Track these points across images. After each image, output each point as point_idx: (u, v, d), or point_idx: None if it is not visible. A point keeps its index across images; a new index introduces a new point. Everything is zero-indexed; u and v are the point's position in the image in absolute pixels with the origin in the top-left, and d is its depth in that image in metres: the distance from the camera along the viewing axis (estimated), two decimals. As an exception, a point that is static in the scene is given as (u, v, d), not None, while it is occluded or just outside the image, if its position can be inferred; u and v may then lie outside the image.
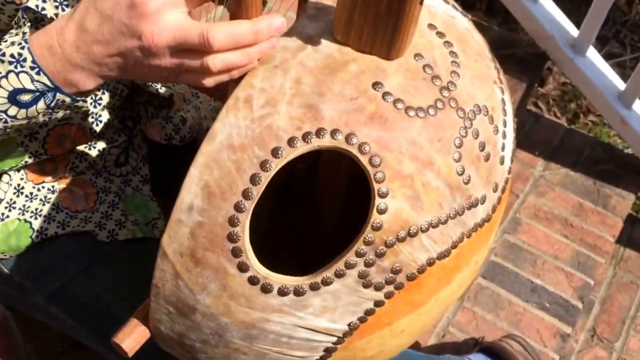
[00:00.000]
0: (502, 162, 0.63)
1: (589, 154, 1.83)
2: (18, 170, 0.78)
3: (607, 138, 2.13)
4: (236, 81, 0.57)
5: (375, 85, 0.55)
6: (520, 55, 1.81)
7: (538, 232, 1.64)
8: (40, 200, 0.79)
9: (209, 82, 0.56)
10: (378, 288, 0.56)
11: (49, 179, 0.80)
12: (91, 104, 0.77)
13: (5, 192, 0.77)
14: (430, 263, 0.58)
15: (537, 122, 1.94)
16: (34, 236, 0.79)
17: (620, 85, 1.66)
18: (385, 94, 0.55)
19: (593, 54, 1.67)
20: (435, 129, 0.56)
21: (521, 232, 1.63)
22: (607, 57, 2.69)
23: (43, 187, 0.79)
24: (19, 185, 0.78)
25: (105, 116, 0.80)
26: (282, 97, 0.54)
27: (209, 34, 0.52)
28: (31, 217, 0.79)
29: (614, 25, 2.81)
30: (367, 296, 0.56)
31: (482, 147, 0.60)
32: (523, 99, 1.83)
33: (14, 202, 0.78)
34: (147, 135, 0.88)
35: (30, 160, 0.77)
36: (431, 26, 0.62)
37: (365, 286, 0.56)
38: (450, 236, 0.58)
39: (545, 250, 1.60)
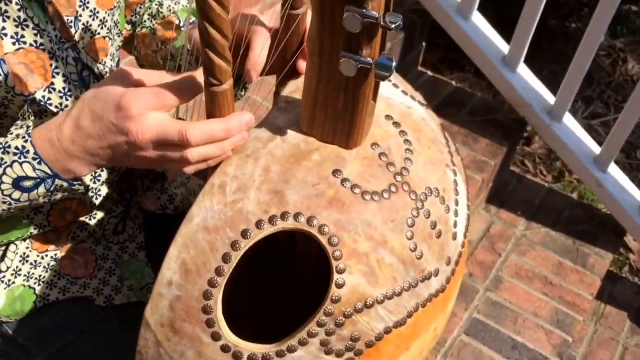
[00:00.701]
0: (454, 237, 0.70)
1: (569, 214, 1.90)
2: (24, 240, 0.85)
3: (591, 196, 2.20)
4: (214, 167, 0.64)
5: (335, 172, 0.63)
6: (501, 120, 1.90)
7: (519, 290, 1.69)
8: (44, 267, 0.86)
9: (189, 170, 0.64)
10: (339, 355, 0.62)
11: (52, 247, 0.86)
12: (91, 180, 0.84)
13: (12, 261, 0.84)
14: (388, 331, 0.64)
15: (519, 183, 2.02)
16: (37, 301, 0.85)
17: (596, 149, 1.74)
18: (344, 180, 0.63)
19: (569, 121, 1.76)
20: (389, 211, 0.63)
21: (503, 290, 1.69)
22: (592, 117, 2.79)
23: (47, 256, 0.86)
24: (24, 254, 0.85)
25: (104, 190, 0.88)
26: (253, 183, 0.61)
27: (188, 133, 0.60)
28: (35, 283, 0.85)
29: (598, 86, 2.92)
30: (328, 363, 0.62)
31: (434, 225, 0.67)
32: (505, 161, 1.91)
33: (20, 270, 0.85)
34: (143, 205, 0.95)
35: (35, 232, 0.84)
36: (388, 117, 0.69)
37: (327, 353, 0.62)
38: (406, 307, 0.65)
39: (526, 308, 1.65)
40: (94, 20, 0.82)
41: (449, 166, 0.72)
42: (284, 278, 0.91)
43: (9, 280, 0.85)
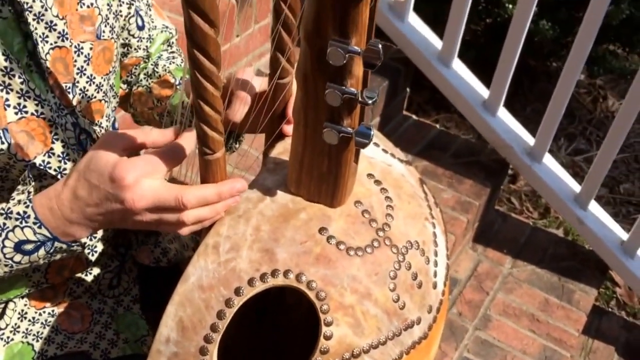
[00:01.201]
0: (435, 286, 0.74)
1: (553, 251, 1.95)
2: (22, 298, 0.89)
3: (577, 231, 2.26)
4: (208, 226, 0.69)
5: (321, 230, 0.68)
6: (484, 161, 1.96)
7: (507, 328, 1.73)
8: (42, 323, 0.89)
9: (184, 231, 0.68)
10: (328, 403, 0.66)
11: (49, 304, 0.90)
12: (87, 237, 0.88)
13: (11, 318, 0.88)
14: (374, 379, 0.68)
15: (504, 222, 2.07)
16: (35, 357, 0.88)
17: (576, 187, 1.80)
18: (329, 237, 0.67)
19: (549, 161, 1.82)
20: (372, 265, 0.68)
21: (492, 329, 1.72)
22: (575, 153, 2.86)
23: (44, 312, 0.90)
24: (22, 310, 0.88)
25: (99, 247, 0.92)
26: (244, 242, 0.66)
27: (183, 198, 0.64)
28: (33, 339, 0.88)
29: (580, 123, 3.00)
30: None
31: (415, 276, 0.71)
32: (489, 200, 1.96)
33: (18, 327, 0.88)
34: (138, 259, 0.99)
35: (33, 289, 0.88)
36: (370, 175, 0.75)
37: (317, 402, 0.65)
38: (390, 354, 0.69)
39: (514, 345, 1.68)
40: (90, 85, 0.87)
41: (427, 219, 0.76)
42: (275, 328, 0.95)
43: (8, 337, 0.88)
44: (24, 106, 0.77)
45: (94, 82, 0.87)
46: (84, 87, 0.86)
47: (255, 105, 0.77)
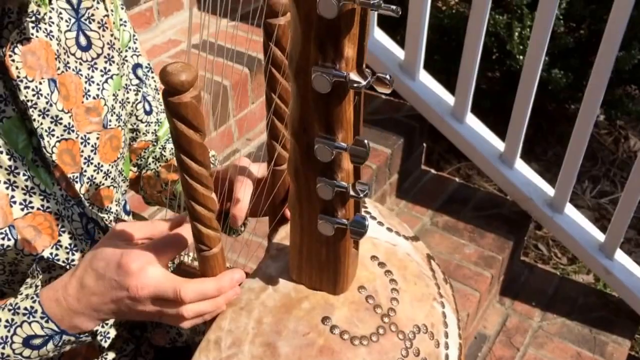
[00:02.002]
0: (446, 369, 0.72)
1: (583, 302, 1.89)
2: None
3: (605, 280, 2.19)
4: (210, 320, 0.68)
5: (324, 319, 0.67)
6: (506, 213, 1.93)
7: (541, 386, 1.67)
8: None
9: (185, 324, 0.68)
10: None
11: None
12: (93, 328, 0.88)
13: None
14: None
15: (531, 273, 2.03)
16: None
17: (600, 237, 1.76)
18: (332, 327, 0.66)
19: (571, 211, 1.79)
20: (378, 354, 0.66)
21: (524, 387, 1.67)
22: (600, 195, 2.81)
23: None
24: None
25: (112, 332, 0.91)
26: (246, 337, 0.65)
27: (181, 291, 0.64)
28: None
29: (603, 165, 2.95)
30: None
31: (424, 361, 0.69)
32: (514, 253, 1.93)
33: None
34: (153, 341, 0.98)
35: None
36: (374, 257, 0.74)
37: None
38: None
39: (549, 404, 1.62)
40: (98, 173, 0.88)
41: (435, 299, 0.75)
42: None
43: None
44: (30, 202, 0.78)
45: (101, 170, 0.89)
46: (92, 176, 0.88)
47: (254, 190, 0.77)
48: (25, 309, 0.71)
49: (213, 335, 0.66)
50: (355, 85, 0.51)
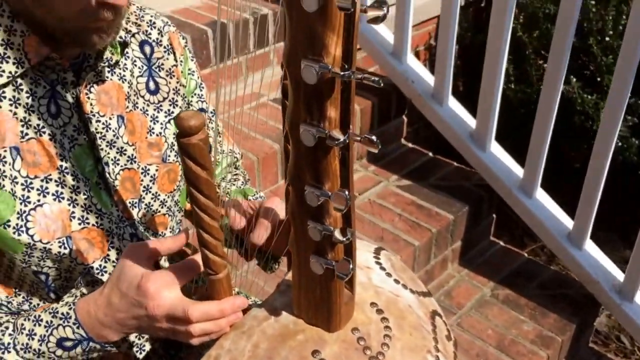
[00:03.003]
0: (430, 420, 0.76)
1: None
2: None
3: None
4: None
5: (314, 352, 0.73)
6: (573, 295, 1.88)
7: None
8: None
9: (194, 341, 0.77)
10: None
11: None
12: (136, 336, 0.99)
13: None
14: None
15: (598, 362, 1.94)
16: None
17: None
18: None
19: (640, 299, 1.72)
20: (359, 391, 0.71)
21: None
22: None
23: None
24: None
25: (148, 346, 1.02)
26: (241, 357, 0.73)
27: (189, 311, 0.74)
28: None
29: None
30: None
31: (405, 407, 0.73)
32: (579, 337, 1.86)
33: None
34: None
35: None
36: (373, 304, 0.79)
37: None
38: None
39: None
40: (154, 201, 1.01)
41: (430, 352, 0.79)
42: None
43: None
44: (87, 218, 0.92)
45: (158, 199, 1.01)
46: (149, 203, 1.00)
47: (277, 229, 0.86)
48: (62, 314, 0.83)
49: (214, 352, 0.74)
50: (335, 142, 0.59)
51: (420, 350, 0.78)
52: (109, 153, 0.93)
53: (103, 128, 0.92)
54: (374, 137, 0.62)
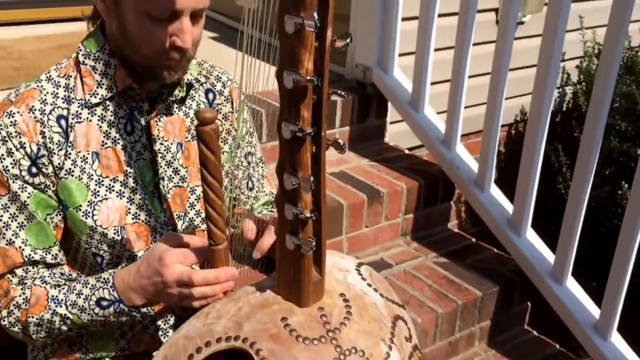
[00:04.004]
0: (375, 395, 0.89)
1: None
2: (109, 359, 1.20)
3: None
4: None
5: (283, 319, 0.90)
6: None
7: None
8: None
9: (195, 304, 0.97)
10: None
11: None
12: (162, 321, 1.19)
13: None
14: None
15: None
16: None
17: None
18: (286, 325, 0.89)
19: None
20: (314, 354, 0.87)
21: None
22: None
23: None
24: None
25: (171, 332, 1.21)
26: (226, 315, 0.91)
27: (192, 276, 0.95)
28: None
29: None
30: None
31: (352, 376, 0.88)
32: None
33: None
34: None
35: (119, 352, 1.19)
36: (342, 295, 0.96)
37: None
38: None
39: None
40: (197, 217, 1.24)
41: (384, 340, 0.94)
42: None
43: None
44: (139, 215, 1.16)
45: (200, 216, 1.24)
46: (192, 218, 1.23)
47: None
48: (104, 279, 1.07)
49: (206, 309, 0.93)
50: (303, 133, 0.80)
51: (374, 337, 0.93)
52: (165, 171, 1.18)
53: (164, 150, 1.18)
54: (340, 141, 0.83)
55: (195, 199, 1.23)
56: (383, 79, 2.31)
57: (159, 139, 1.17)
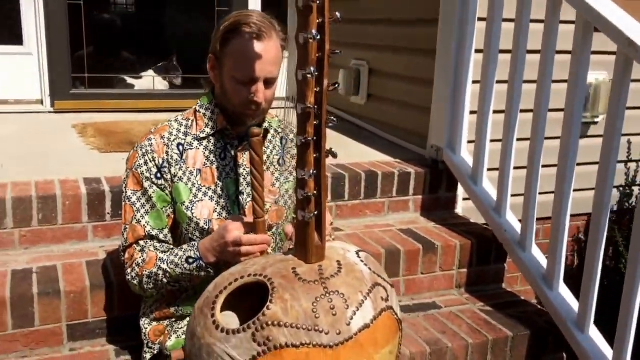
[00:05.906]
0: (348, 324, 1.31)
1: None
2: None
3: None
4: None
5: (293, 268, 1.37)
6: None
7: None
8: None
9: (243, 259, 1.47)
10: (259, 345, 1.28)
11: None
12: (216, 261, 1.70)
13: (185, 325, 1.71)
14: (287, 346, 1.27)
15: None
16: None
17: None
18: (294, 272, 1.35)
19: None
20: (308, 289, 1.32)
21: None
22: None
23: None
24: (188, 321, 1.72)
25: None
26: (258, 262, 1.40)
27: (242, 239, 1.47)
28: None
29: None
30: (254, 347, 1.28)
31: (332, 307, 1.31)
32: None
33: (184, 331, 1.71)
34: None
35: None
36: (338, 261, 1.41)
37: (253, 341, 1.29)
38: (300, 337, 1.28)
39: None
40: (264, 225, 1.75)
41: (362, 292, 1.36)
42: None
43: (179, 336, 1.70)
44: (222, 214, 1.70)
45: (267, 224, 1.76)
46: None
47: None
48: (192, 244, 1.61)
49: (246, 260, 1.43)
50: (303, 140, 1.30)
51: (355, 288, 1.37)
52: (245, 188, 1.73)
53: (245, 174, 1.73)
54: (332, 148, 1.32)
55: (265, 212, 1.76)
56: (451, 157, 2.76)
57: (242, 166, 1.73)
